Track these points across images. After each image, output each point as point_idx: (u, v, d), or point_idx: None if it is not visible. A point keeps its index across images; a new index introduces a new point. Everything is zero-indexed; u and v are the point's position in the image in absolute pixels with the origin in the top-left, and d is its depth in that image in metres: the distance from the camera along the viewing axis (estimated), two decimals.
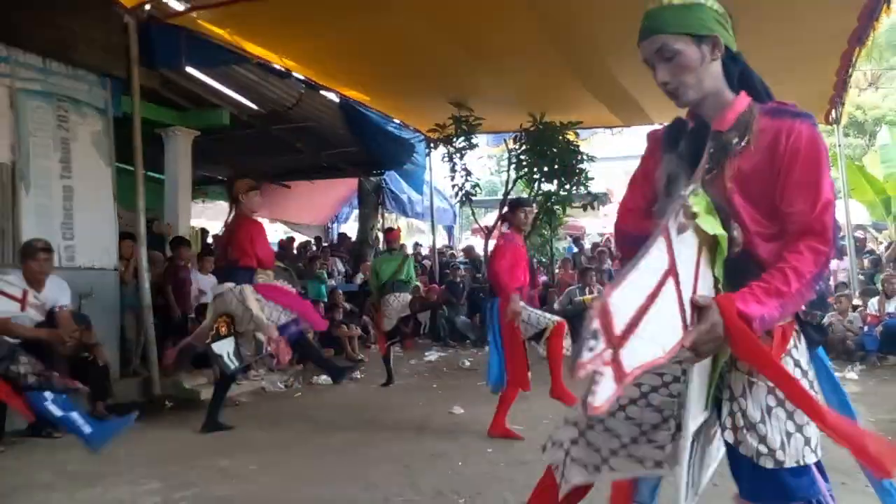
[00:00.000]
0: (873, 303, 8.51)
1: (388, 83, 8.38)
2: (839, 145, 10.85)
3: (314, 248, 12.76)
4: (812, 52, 7.04)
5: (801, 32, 6.47)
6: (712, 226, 1.47)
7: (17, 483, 3.82)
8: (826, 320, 9.01)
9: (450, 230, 18.24)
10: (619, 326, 1.19)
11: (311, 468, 4.14)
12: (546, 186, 9.41)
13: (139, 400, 5.87)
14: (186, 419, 5.33)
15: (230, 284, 4.76)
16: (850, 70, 7.87)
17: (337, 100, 8.93)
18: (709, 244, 1.49)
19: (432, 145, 10.37)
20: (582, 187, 9.39)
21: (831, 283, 10.20)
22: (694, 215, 1.41)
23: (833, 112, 9.47)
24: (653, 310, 1.28)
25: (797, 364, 1.59)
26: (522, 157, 9.23)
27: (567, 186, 9.18)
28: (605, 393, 1.16)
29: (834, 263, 10.70)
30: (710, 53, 1.59)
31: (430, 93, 8.56)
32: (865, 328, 8.31)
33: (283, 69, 7.77)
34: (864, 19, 6.19)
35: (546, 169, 9.04)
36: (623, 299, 1.24)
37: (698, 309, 1.39)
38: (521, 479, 3.80)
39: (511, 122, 9.36)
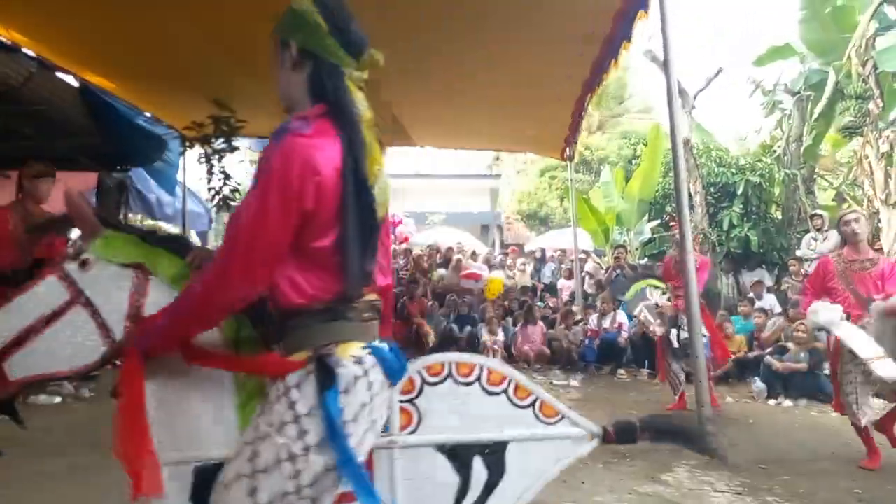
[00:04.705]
0: (593, 319, 9.68)
1: (137, 72, 7.61)
2: (571, 180, 12.24)
3: None
4: (552, 95, 7.62)
5: (542, 77, 6.96)
6: (128, 257, 1.73)
7: None
8: (554, 332, 10.02)
9: (203, 236, 17.14)
10: None
11: (28, 501, 3.62)
12: None
13: None
14: None
15: None
16: (583, 114, 8.70)
17: (77, 84, 7.95)
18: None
19: (188, 144, 9.68)
20: None
21: (559, 299, 11.42)
22: (83, 263, 1.67)
23: (567, 150, 10.41)
24: (48, 331, 1.66)
25: (291, 405, 1.52)
26: None
27: None
28: None
29: (561, 282, 12.03)
30: (289, 60, 1.62)
31: (186, 88, 7.96)
32: (586, 341, 9.43)
33: (9, 43, 6.73)
34: (595, 71, 6.81)
35: None
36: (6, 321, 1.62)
37: None
38: None
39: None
